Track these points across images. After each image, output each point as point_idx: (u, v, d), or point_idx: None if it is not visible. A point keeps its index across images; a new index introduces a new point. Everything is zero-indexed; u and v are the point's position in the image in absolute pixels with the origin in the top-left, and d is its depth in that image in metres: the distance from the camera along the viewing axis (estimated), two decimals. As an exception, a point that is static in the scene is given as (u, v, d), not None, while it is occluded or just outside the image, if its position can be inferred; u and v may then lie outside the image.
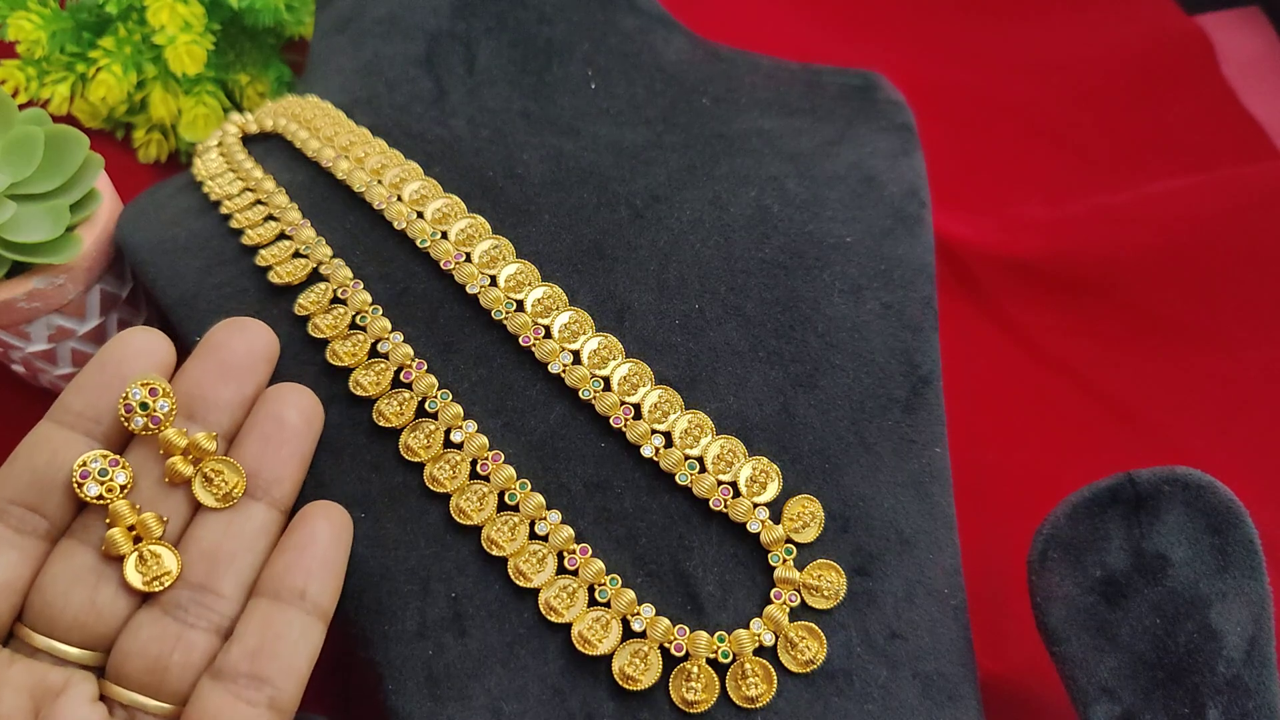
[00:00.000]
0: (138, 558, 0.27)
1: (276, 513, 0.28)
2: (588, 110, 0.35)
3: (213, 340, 0.28)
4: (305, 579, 0.27)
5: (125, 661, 0.26)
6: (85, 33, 0.43)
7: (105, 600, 0.26)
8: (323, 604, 0.27)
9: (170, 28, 0.40)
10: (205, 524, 0.27)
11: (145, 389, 0.27)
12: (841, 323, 0.30)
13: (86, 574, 0.26)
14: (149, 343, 0.28)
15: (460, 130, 0.34)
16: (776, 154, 0.34)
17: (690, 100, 0.36)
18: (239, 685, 0.26)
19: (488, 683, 0.28)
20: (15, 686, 0.25)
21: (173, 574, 0.27)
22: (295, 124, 0.35)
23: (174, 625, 0.26)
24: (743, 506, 0.29)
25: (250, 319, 0.29)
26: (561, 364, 0.30)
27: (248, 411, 0.28)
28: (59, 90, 0.42)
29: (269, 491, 0.28)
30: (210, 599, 0.27)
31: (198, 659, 0.26)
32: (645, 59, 0.37)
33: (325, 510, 0.28)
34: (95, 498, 0.26)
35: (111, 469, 0.27)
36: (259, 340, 0.29)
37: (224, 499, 0.27)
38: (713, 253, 0.31)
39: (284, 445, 0.28)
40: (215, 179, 0.35)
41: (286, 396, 0.29)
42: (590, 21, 0.37)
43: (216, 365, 0.28)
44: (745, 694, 0.27)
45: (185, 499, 0.28)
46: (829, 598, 0.28)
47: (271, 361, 0.29)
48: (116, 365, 0.27)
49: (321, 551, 0.27)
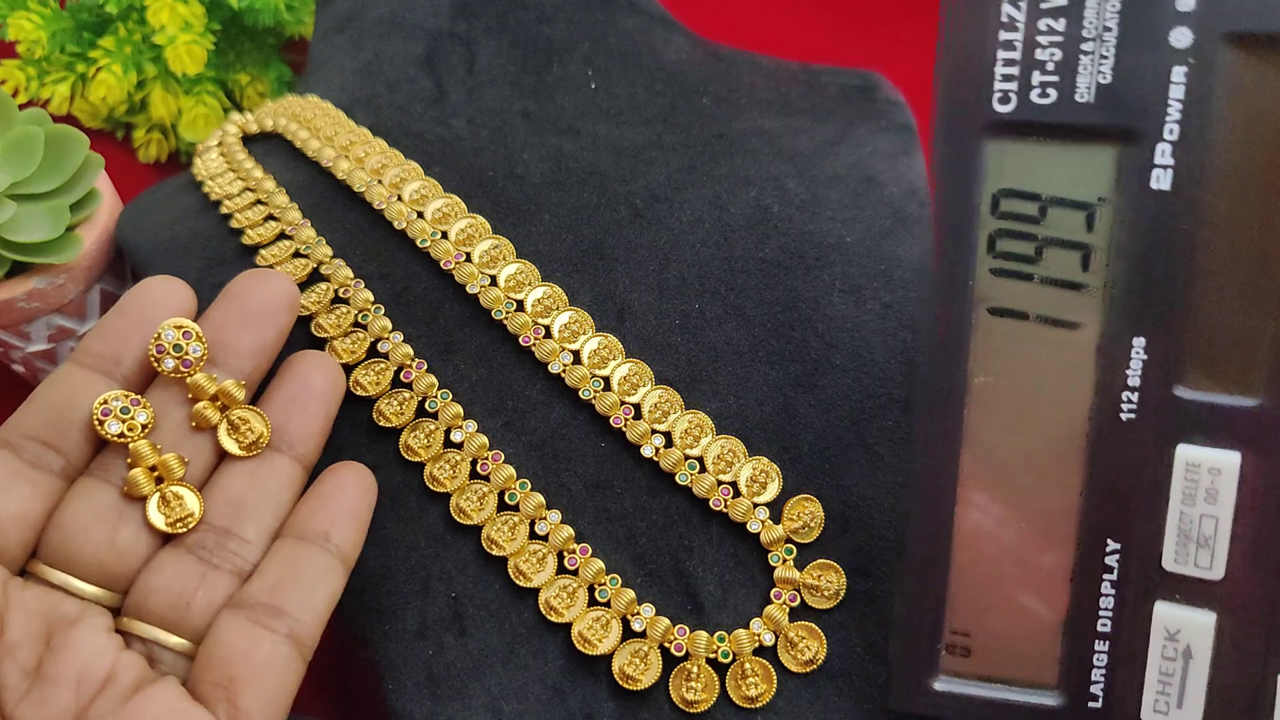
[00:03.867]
0: (160, 499, 0.26)
1: (300, 468, 0.28)
2: (588, 110, 0.35)
3: (234, 289, 0.28)
4: (330, 524, 0.27)
5: (147, 597, 0.26)
6: (85, 33, 0.43)
7: (126, 540, 0.26)
8: (346, 550, 0.27)
9: (170, 28, 0.40)
10: (229, 471, 0.27)
11: (179, 331, 0.27)
12: (841, 323, 0.30)
13: (107, 513, 0.26)
14: (170, 290, 0.28)
15: (460, 130, 0.34)
16: (776, 154, 0.34)
17: (690, 100, 0.36)
18: (258, 614, 0.26)
19: (488, 682, 0.28)
20: (28, 611, 0.25)
21: (195, 516, 0.26)
22: (295, 124, 0.35)
23: (198, 564, 0.26)
24: (743, 506, 0.29)
25: (272, 270, 0.29)
26: (561, 364, 0.30)
27: (269, 360, 0.28)
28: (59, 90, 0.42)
29: (294, 447, 0.28)
30: (234, 543, 0.27)
31: (220, 599, 0.26)
32: (645, 59, 0.37)
33: (354, 468, 0.28)
34: (116, 436, 0.26)
35: (133, 408, 0.26)
36: (280, 288, 0.29)
37: (249, 447, 0.27)
38: (713, 253, 0.31)
39: (310, 404, 0.28)
40: (215, 179, 0.35)
41: (312, 360, 0.29)
42: (590, 21, 0.37)
43: (239, 312, 0.28)
44: (745, 694, 0.27)
45: (208, 445, 0.27)
46: (829, 598, 0.28)
47: (293, 310, 0.29)
48: (138, 310, 0.27)
49: (349, 502, 0.27)
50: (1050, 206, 0.23)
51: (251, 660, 0.25)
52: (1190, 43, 0.21)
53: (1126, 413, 0.23)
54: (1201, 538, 0.23)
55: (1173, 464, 0.23)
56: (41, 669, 0.24)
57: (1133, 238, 0.22)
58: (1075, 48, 0.22)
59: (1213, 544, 0.23)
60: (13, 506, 0.25)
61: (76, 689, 0.24)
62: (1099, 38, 0.22)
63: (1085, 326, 0.23)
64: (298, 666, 0.26)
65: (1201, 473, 0.23)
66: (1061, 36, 0.22)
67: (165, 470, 0.26)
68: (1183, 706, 0.24)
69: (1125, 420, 0.23)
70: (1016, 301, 0.24)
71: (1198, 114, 0.22)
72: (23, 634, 0.24)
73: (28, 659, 0.24)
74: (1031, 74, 0.22)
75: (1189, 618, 0.24)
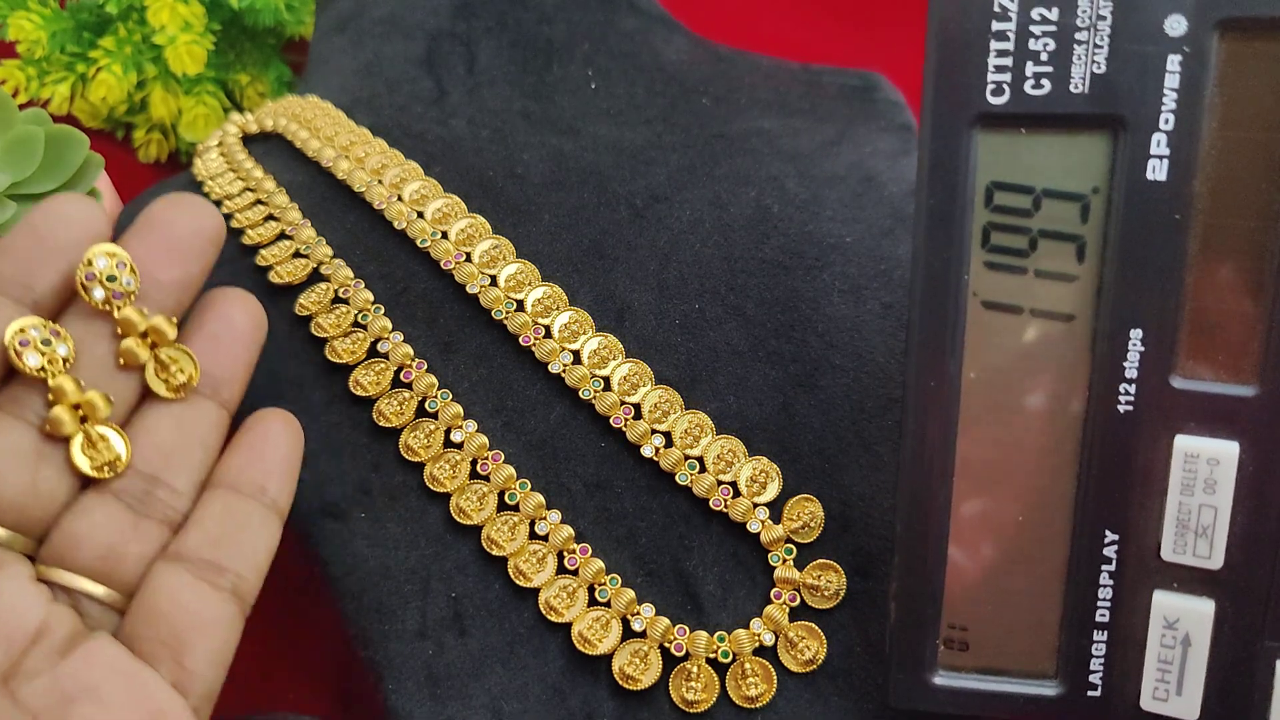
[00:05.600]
0: (85, 439, 0.24)
1: (225, 414, 0.27)
2: (588, 110, 0.35)
3: (156, 217, 0.26)
4: (265, 476, 0.26)
5: (73, 547, 0.24)
6: (85, 33, 0.43)
7: (46, 482, 0.24)
8: (281, 503, 0.26)
9: (170, 28, 0.40)
10: (156, 415, 0.26)
11: (112, 260, 0.24)
12: (841, 323, 0.30)
13: (26, 452, 0.24)
14: (84, 210, 0.25)
15: (460, 130, 0.34)
16: (776, 154, 0.34)
17: (690, 100, 0.36)
18: (199, 569, 0.24)
19: (488, 682, 0.28)
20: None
21: (123, 461, 0.25)
22: (295, 124, 0.35)
23: (128, 514, 0.25)
24: (743, 506, 0.29)
25: (193, 195, 0.27)
26: (561, 364, 0.30)
27: (192, 297, 0.26)
28: (59, 90, 0.42)
29: (218, 391, 0.26)
30: (164, 491, 0.25)
31: (151, 551, 0.25)
32: (645, 59, 0.37)
33: (280, 415, 0.27)
34: (36, 370, 0.24)
35: (54, 339, 0.24)
36: (206, 219, 0.26)
37: (177, 390, 0.26)
38: (713, 253, 0.31)
39: (234, 345, 0.26)
40: (215, 179, 0.35)
41: (232, 298, 0.27)
42: (590, 21, 0.37)
43: (163, 242, 0.26)
44: (745, 694, 0.27)
45: (132, 385, 0.25)
46: (829, 598, 0.28)
47: (217, 245, 0.26)
48: (50, 231, 0.25)
49: (281, 452, 0.26)
50: (1043, 198, 0.23)
51: (198, 617, 0.24)
52: (1185, 30, 0.21)
53: (1124, 404, 0.23)
54: (1200, 527, 0.23)
55: (1170, 454, 0.23)
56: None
57: (1127, 228, 0.22)
58: (1069, 37, 0.22)
59: (1211, 533, 0.23)
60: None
61: (4, 644, 0.22)
62: (1093, 26, 0.22)
63: (1080, 318, 0.23)
64: (239, 625, 0.25)
65: (1200, 463, 0.23)
66: (1055, 26, 0.22)
67: (89, 409, 0.24)
68: (1182, 694, 0.24)
69: (1122, 412, 0.23)
70: (1010, 295, 0.24)
71: (1192, 102, 0.22)
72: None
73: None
74: (1025, 65, 0.22)
75: (1188, 606, 0.24)
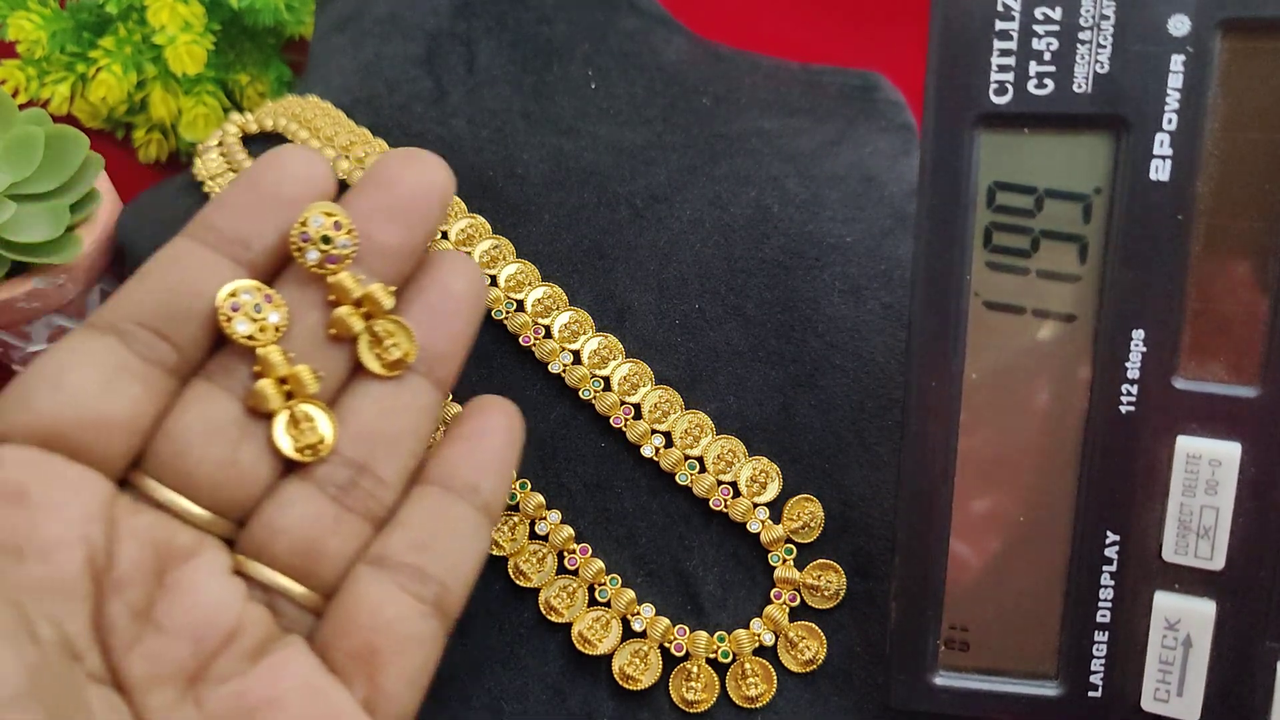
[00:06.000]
0: (289, 418, 0.22)
1: (439, 395, 0.24)
2: (588, 110, 0.35)
3: (382, 174, 0.24)
4: (479, 474, 0.23)
5: (271, 538, 0.22)
6: (85, 33, 0.43)
7: (247, 461, 0.22)
8: (494, 505, 0.24)
9: (170, 28, 0.40)
10: (366, 394, 0.23)
11: (329, 219, 0.22)
12: (841, 323, 0.30)
13: (228, 427, 0.22)
14: (310, 165, 0.23)
15: (460, 130, 0.34)
16: (776, 154, 0.34)
17: (690, 100, 0.36)
18: (402, 576, 0.22)
19: (488, 683, 0.28)
20: (140, 540, 0.21)
21: (327, 443, 0.22)
22: (295, 124, 0.35)
23: (330, 506, 0.23)
24: (743, 506, 0.29)
25: (428, 154, 0.24)
26: (561, 364, 0.30)
27: (414, 265, 0.24)
28: (59, 90, 0.42)
29: (433, 369, 0.24)
30: (369, 481, 0.23)
31: (353, 549, 0.23)
32: (645, 59, 0.37)
33: (500, 404, 0.25)
34: (245, 337, 0.22)
35: (266, 305, 0.22)
36: (436, 177, 0.24)
37: (391, 366, 0.23)
38: (713, 253, 0.31)
39: (452, 318, 0.24)
40: (216, 179, 0.35)
41: (454, 263, 0.24)
42: (590, 21, 0.37)
43: (386, 203, 0.23)
44: (745, 694, 0.27)
45: (343, 359, 0.23)
46: (829, 598, 0.28)
47: (445, 206, 0.24)
48: (272, 186, 0.23)
49: (497, 447, 0.24)
50: (1046, 198, 0.23)
51: (396, 631, 0.22)
52: (1188, 30, 0.21)
53: (1125, 405, 0.23)
54: (1202, 528, 0.23)
55: (1172, 455, 0.23)
56: (154, 613, 0.21)
57: (1129, 229, 0.22)
58: (1072, 37, 0.22)
59: (1213, 534, 0.23)
60: (120, 408, 0.21)
61: (194, 643, 0.21)
62: (1096, 26, 0.22)
63: (1082, 319, 0.23)
64: (440, 642, 0.23)
65: (1202, 464, 0.23)
66: (1058, 25, 0.22)
67: (296, 384, 0.22)
68: (1183, 695, 0.24)
69: (1124, 412, 0.23)
70: (1012, 295, 0.24)
71: (1195, 103, 0.22)
72: (132, 567, 0.21)
73: (137, 598, 0.21)
74: (1028, 64, 0.22)
75: (1189, 607, 0.24)
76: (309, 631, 0.22)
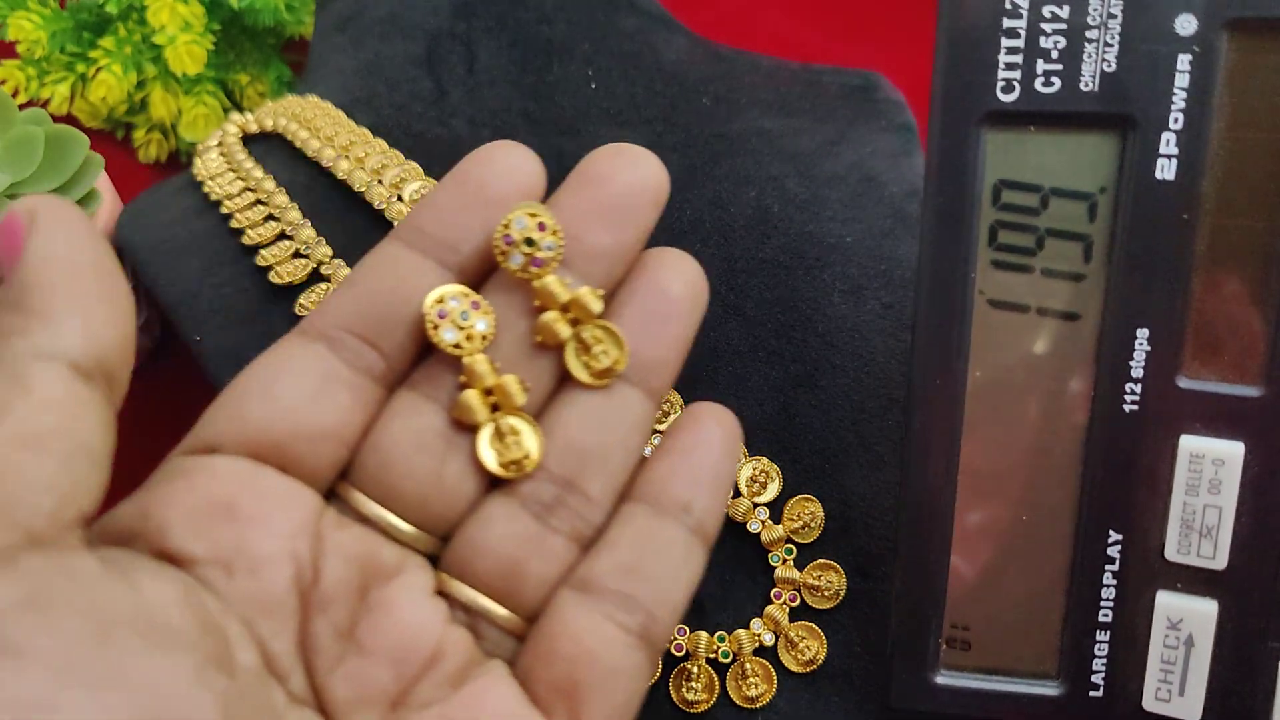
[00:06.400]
0: (493, 431, 0.21)
1: (652, 406, 0.23)
2: (588, 110, 0.35)
3: (592, 170, 0.22)
4: (691, 490, 0.22)
5: (474, 558, 0.21)
6: (85, 32, 0.43)
7: (452, 476, 0.21)
8: (707, 525, 0.22)
9: (170, 28, 0.40)
10: (574, 405, 0.22)
11: (533, 220, 0.21)
12: (841, 323, 0.30)
13: (434, 440, 0.21)
14: (519, 161, 0.22)
15: (461, 130, 0.34)
16: (776, 154, 0.34)
17: (690, 100, 0.36)
18: (608, 604, 0.21)
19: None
20: (345, 556, 0.21)
21: (533, 459, 0.21)
22: (295, 124, 0.35)
23: (534, 525, 0.21)
24: (743, 506, 0.28)
25: (640, 149, 0.23)
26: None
27: (625, 267, 0.22)
28: (59, 90, 0.42)
29: (646, 378, 0.22)
30: (575, 499, 0.22)
31: (556, 572, 0.22)
32: (645, 59, 0.37)
33: (716, 413, 0.23)
34: (452, 346, 0.21)
35: (473, 312, 0.21)
36: (650, 175, 0.22)
37: (600, 375, 0.22)
38: (713, 252, 0.31)
39: (668, 322, 0.22)
40: (215, 179, 0.35)
41: (671, 263, 0.23)
42: (590, 21, 0.37)
43: (597, 202, 0.22)
44: (745, 694, 0.27)
45: (548, 367, 0.22)
46: (829, 598, 0.28)
47: (659, 205, 0.22)
48: (480, 185, 0.22)
49: (712, 461, 0.22)
50: (1051, 197, 0.23)
51: (599, 663, 0.21)
52: (1195, 29, 0.21)
53: (1129, 404, 0.23)
54: (1204, 528, 0.23)
55: (1175, 455, 0.23)
56: (356, 632, 0.20)
57: (1135, 228, 0.22)
58: (1080, 35, 0.22)
59: (1216, 534, 0.23)
60: (329, 417, 0.21)
61: (397, 665, 0.20)
62: (1103, 25, 0.22)
63: (1086, 318, 0.23)
64: (647, 677, 0.21)
65: (1205, 463, 0.23)
66: (1065, 24, 0.22)
67: (502, 396, 0.21)
68: (1184, 695, 0.24)
69: (1128, 411, 0.23)
70: (1017, 294, 0.24)
71: (1202, 102, 0.22)
72: (338, 585, 0.20)
73: (342, 617, 0.20)
74: (1035, 62, 0.22)
75: (1191, 607, 0.24)
76: (511, 656, 0.22)
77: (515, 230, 0.21)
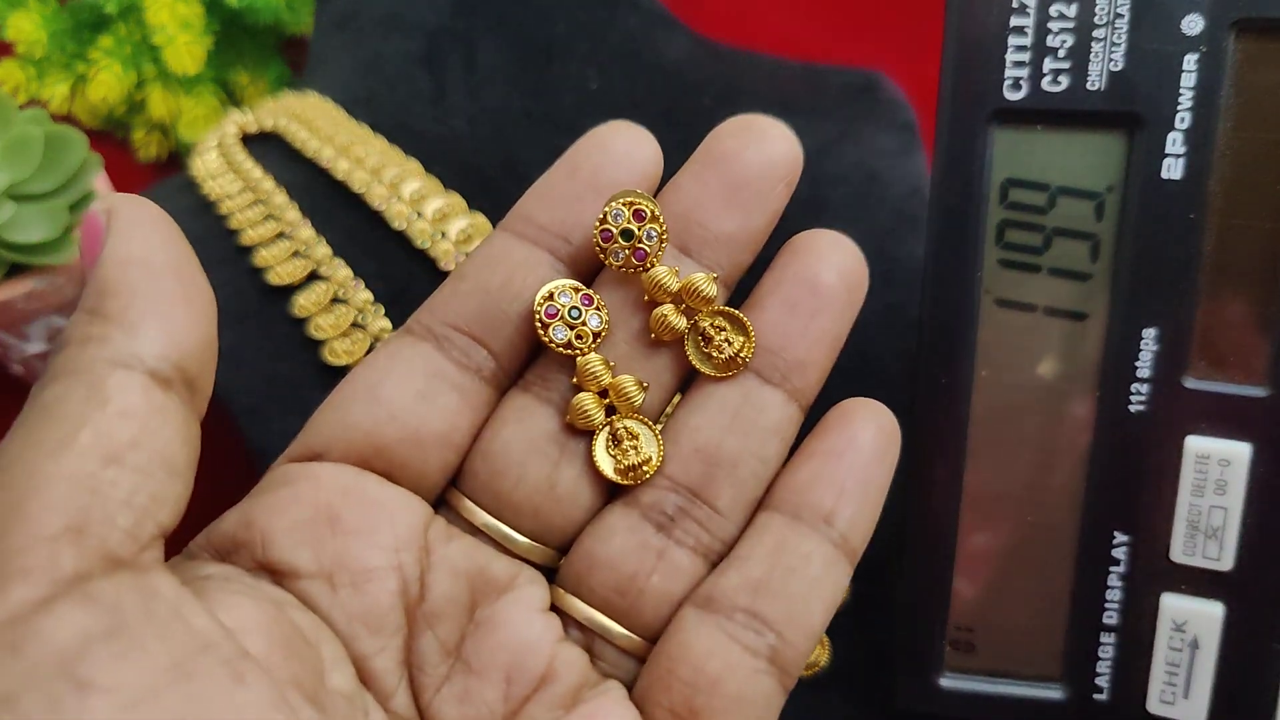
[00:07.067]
0: (609, 435, 0.20)
1: (796, 409, 0.21)
2: (588, 109, 0.35)
3: (718, 148, 0.20)
4: (835, 498, 0.20)
5: (590, 572, 0.20)
6: (85, 32, 0.43)
7: (567, 484, 0.20)
8: (853, 538, 0.20)
9: (170, 27, 0.40)
10: (701, 407, 0.20)
11: (629, 210, 0.19)
12: (844, 323, 0.30)
13: (546, 445, 0.20)
14: (633, 144, 0.20)
15: (460, 129, 0.34)
16: (778, 153, 0.33)
17: (691, 99, 0.36)
18: (734, 624, 0.19)
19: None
20: (454, 570, 0.20)
21: (653, 464, 0.20)
22: (295, 123, 0.35)
23: (655, 537, 0.20)
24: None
25: (771, 120, 0.20)
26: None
27: (752, 255, 0.21)
28: (59, 90, 0.42)
29: (789, 378, 0.20)
30: (702, 511, 0.20)
31: (680, 589, 0.20)
32: (646, 58, 0.37)
33: (871, 411, 0.21)
34: (563, 345, 0.20)
35: (585, 308, 0.20)
36: (780, 151, 0.20)
37: (725, 366, 0.20)
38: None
39: (816, 316, 0.20)
40: (214, 179, 0.35)
41: (823, 246, 0.21)
42: (591, 20, 0.37)
43: (722, 183, 0.20)
44: None
45: (668, 364, 0.21)
46: None
47: (792, 184, 0.21)
48: (592, 171, 0.20)
49: (861, 465, 0.20)
50: (1059, 196, 0.23)
51: (722, 690, 0.19)
52: (1202, 29, 0.21)
53: (1135, 404, 0.23)
54: (1210, 529, 0.23)
55: (1182, 455, 0.23)
56: (464, 649, 0.19)
57: (1142, 227, 0.22)
58: (1087, 34, 0.22)
59: (1222, 535, 0.23)
60: (437, 420, 0.20)
61: (506, 685, 0.19)
62: (1111, 24, 0.22)
63: (1093, 317, 0.23)
64: (777, 704, 0.20)
65: (1211, 464, 0.23)
66: (1073, 22, 0.22)
67: (619, 397, 0.20)
68: (1189, 697, 0.24)
69: (1134, 411, 0.23)
70: (1024, 293, 0.24)
71: (1209, 102, 0.22)
72: (446, 600, 0.19)
73: (449, 633, 0.19)
74: (1043, 61, 0.22)
75: (1197, 609, 0.24)
76: (629, 678, 0.20)
77: (612, 222, 0.20)
